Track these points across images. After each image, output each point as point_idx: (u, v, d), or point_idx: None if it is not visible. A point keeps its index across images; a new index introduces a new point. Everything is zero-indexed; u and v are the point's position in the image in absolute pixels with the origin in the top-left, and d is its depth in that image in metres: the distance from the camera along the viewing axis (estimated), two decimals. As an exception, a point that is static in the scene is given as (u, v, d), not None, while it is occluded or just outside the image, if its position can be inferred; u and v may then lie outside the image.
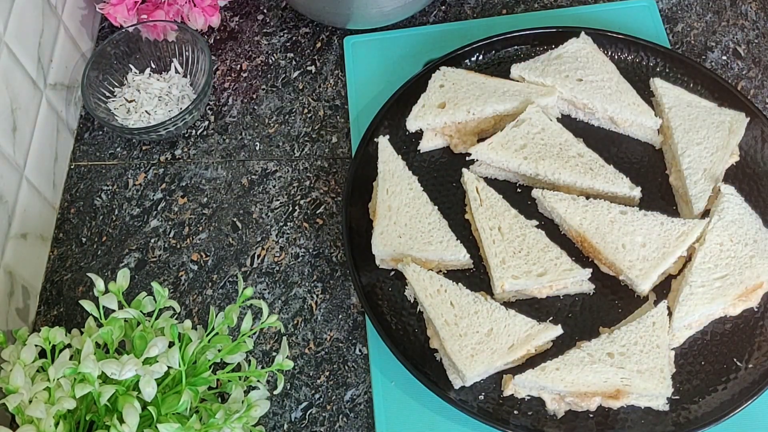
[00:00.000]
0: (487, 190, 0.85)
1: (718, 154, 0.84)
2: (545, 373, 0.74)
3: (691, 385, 0.76)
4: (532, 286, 0.79)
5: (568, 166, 0.85)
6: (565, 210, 0.82)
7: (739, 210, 0.81)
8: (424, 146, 0.91)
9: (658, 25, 0.99)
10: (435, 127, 0.90)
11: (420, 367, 0.76)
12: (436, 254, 0.81)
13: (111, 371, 0.61)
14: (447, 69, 0.92)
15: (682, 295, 0.76)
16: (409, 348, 0.78)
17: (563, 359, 0.75)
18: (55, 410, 0.60)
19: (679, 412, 0.74)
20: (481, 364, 0.74)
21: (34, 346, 0.65)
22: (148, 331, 0.68)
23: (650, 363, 0.74)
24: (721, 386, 0.76)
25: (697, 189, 0.82)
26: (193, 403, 0.65)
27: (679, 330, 0.77)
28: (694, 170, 0.83)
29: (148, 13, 0.97)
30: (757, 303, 0.79)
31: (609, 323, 0.79)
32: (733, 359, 0.77)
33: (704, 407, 0.74)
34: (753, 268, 0.78)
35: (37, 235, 0.87)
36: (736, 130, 0.86)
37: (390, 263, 0.83)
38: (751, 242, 0.79)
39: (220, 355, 0.69)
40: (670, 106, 0.88)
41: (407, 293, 0.82)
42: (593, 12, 1.01)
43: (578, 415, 0.75)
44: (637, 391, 0.73)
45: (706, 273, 0.78)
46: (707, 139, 0.85)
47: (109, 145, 0.97)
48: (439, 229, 0.83)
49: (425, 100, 0.90)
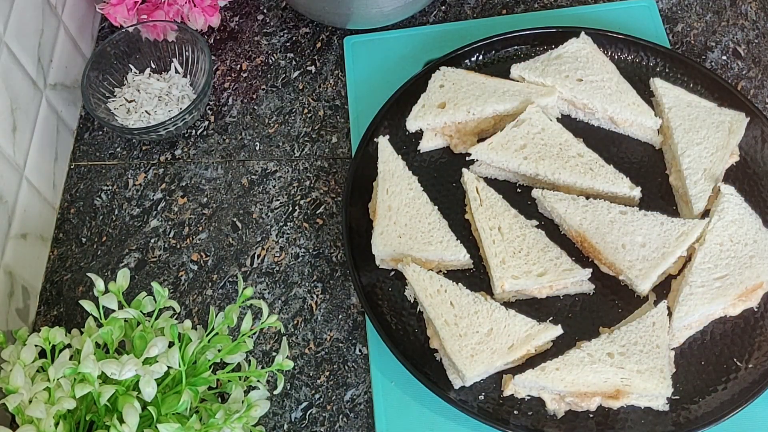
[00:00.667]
0: (487, 190, 0.85)
1: (718, 154, 0.84)
2: (545, 373, 0.74)
3: (691, 385, 0.76)
4: (532, 286, 0.79)
5: (568, 166, 0.85)
6: (565, 210, 0.82)
7: (739, 210, 0.81)
8: (424, 146, 0.91)
9: (658, 25, 0.99)
10: (435, 127, 0.90)
11: (420, 367, 0.76)
12: (436, 254, 0.81)
13: (111, 371, 0.61)
14: (447, 69, 0.92)
15: (682, 295, 0.76)
16: (409, 348, 0.78)
17: (563, 359, 0.75)
18: (55, 410, 0.60)
19: (679, 412, 0.74)
20: (481, 364, 0.74)
21: (34, 346, 0.65)
22: (148, 331, 0.68)
23: (650, 363, 0.74)
24: (721, 386, 0.76)
25: (697, 189, 0.82)
26: (193, 403, 0.65)
27: (679, 330, 0.77)
28: (694, 170, 0.83)
29: (148, 13, 0.97)
30: (757, 303, 0.79)
31: (609, 323, 0.79)
32: (733, 359, 0.77)
33: (704, 407, 0.74)
34: (753, 268, 0.78)
35: (37, 235, 0.87)
36: (736, 130, 0.86)
37: (390, 263, 0.83)
38: (751, 242, 0.79)
39: (220, 355, 0.69)
40: (670, 106, 0.88)
41: (407, 293, 0.82)
42: (593, 12, 1.01)
43: (578, 415, 0.75)
44: (637, 391, 0.73)
45: (706, 273, 0.78)
46: (707, 139, 0.85)
47: (109, 145, 0.97)
48: (439, 229, 0.83)
49: (425, 100, 0.90)
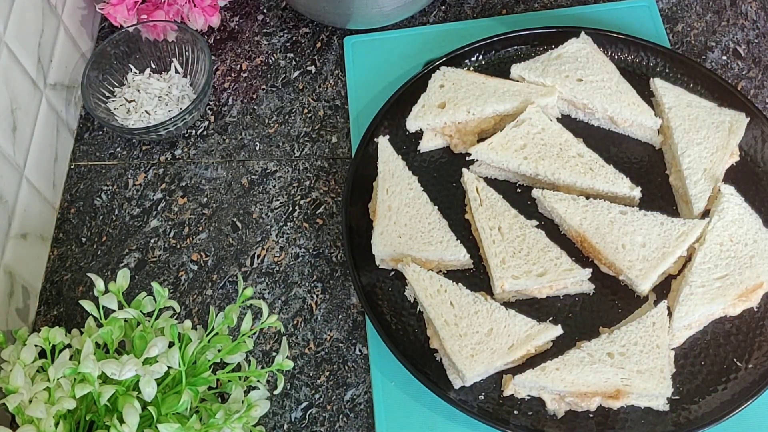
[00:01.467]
0: (487, 190, 0.85)
1: (718, 154, 0.84)
2: (545, 373, 0.74)
3: (691, 385, 0.76)
4: (532, 286, 0.79)
5: (568, 166, 0.85)
6: (565, 210, 0.82)
7: (739, 210, 0.81)
8: (424, 146, 0.91)
9: (658, 24, 0.99)
10: (435, 127, 0.90)
11: (420, 367, 0.76)
12: (436, 254, 0.81)
13: (111, 371, 0.61)
14: (447, 69, 0.93)
15: (682, 295, 0.76)
16: (409, 348, 0.78)
17: (563, 359, 0.75)
18: (55, 410, 0.60)
19: (679, 413, 0.74)
20: (481, 364, 0.74)
21: (34, 346, 0.65)
22: (148, 331, 0.68)
23: (650, 363, 0.74)
24: (722, 386, 0.76)
25: (697, 189, 0.82)
26: (193, 403, 0.65)
27: (679, 330, 0.77)
28: (694, 170, 0.83)
29: (148, 13, 0.97)
30: (758, 303, 0.79)
31: (609, 323, 0.79)
32: (734, 359, 0.77)
33: (704, 407, 0.74)
34: (753, 268, 0.78)
35: (37, 235, 0.87)
36: (736, 130, 0.86)
37: (390, 263, 0.83)
38: (751, 242, 0.79)
39: (220, 355, 0.69)
40: (670, 106, 0.88)
41: (407, 293, 0.82)
42: (593, 12, 1.01)
43: (578, 415, 0.75)
44: (637, 391, 0.73)
45: (706, 273, 0.78)
46: (707, 139, 0.85)
47: (109, 145, 0.97)
48: (439, 229, 0.83)
49: (425, 100, 0.90)
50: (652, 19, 1.00)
